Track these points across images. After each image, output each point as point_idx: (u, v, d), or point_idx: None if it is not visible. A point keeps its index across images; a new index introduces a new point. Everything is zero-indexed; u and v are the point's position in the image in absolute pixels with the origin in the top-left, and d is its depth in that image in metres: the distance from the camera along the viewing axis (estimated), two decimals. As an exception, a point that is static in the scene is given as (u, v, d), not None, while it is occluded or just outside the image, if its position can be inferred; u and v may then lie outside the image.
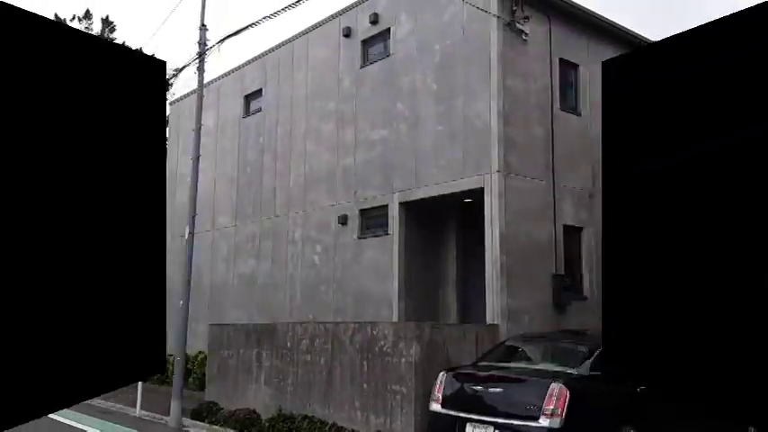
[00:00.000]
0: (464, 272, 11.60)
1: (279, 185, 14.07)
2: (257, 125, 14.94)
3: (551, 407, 6.46)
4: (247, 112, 15.42)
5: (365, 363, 8.98)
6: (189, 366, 13.72)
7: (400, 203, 11.29)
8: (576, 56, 11.55)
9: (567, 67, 11.45)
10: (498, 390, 7.01)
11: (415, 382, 8.30)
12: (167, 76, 13.33)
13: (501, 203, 9.76)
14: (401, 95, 11.55)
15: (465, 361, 8.68)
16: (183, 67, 11.94)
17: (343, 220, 12.25)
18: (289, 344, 10.31)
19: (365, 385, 8.91)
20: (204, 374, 13.83)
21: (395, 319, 10.88)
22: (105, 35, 37.55)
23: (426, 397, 8.25)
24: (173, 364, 15.38)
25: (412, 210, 11.37)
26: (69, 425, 11.01)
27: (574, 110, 11.44)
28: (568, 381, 6.69)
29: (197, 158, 12.28)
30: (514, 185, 10.00)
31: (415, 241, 11.41)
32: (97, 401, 14.02)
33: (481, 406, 6.98)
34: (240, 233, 14.99)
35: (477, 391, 7.12)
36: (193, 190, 12.16)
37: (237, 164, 15.38)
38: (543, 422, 6.45)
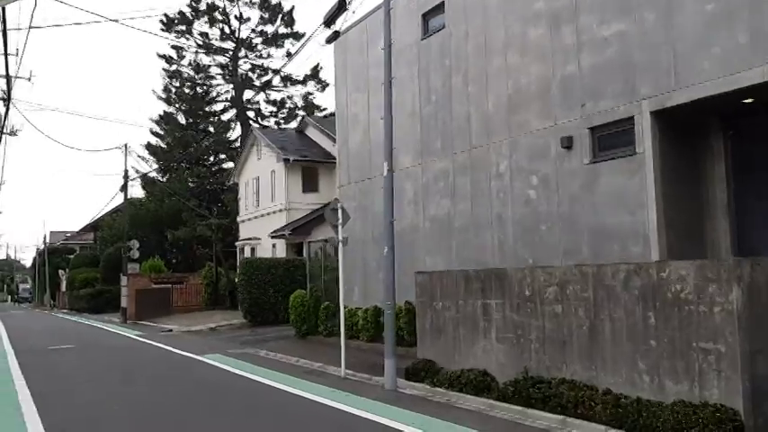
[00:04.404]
0: (739, 197, 9.05)
1: (474, 112, 12.07)
2: (441, 45, 12.95)
3: None
4: (426, 32, 13.46)
5: (650, 314, 6.89)
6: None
7: (652, 113, 8.88)
8: None
9: None
10: None
11: (740, 338, 6.11)
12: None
13: (824, 94, 7.11)
14: (644, -26, 9.00)
15: (798, 308, 6.36)
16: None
17: (567, 143, 10.05)
18: (528, 292, 8.45)
19: (653, 342, 6.85)
20: (401, 328, 12.49)
21: (654, 258, 8.65)
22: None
23: (755, 356, 6.10)
24: (371, 319, 14.22)
25: (668, 120, 8.93)
26: (276, 387, 10.05)
27: None
28: None
29: (389, 83, 10.62)
30: (838, 69, 7.27)
31: (672, 161, 9.00)
32: (290, 359, 13.19)
33: None
34: (428, 172, 13.27)
35: None
36: (388, 119, 10.53)
37: (419, 93, 13.56)
38: None
